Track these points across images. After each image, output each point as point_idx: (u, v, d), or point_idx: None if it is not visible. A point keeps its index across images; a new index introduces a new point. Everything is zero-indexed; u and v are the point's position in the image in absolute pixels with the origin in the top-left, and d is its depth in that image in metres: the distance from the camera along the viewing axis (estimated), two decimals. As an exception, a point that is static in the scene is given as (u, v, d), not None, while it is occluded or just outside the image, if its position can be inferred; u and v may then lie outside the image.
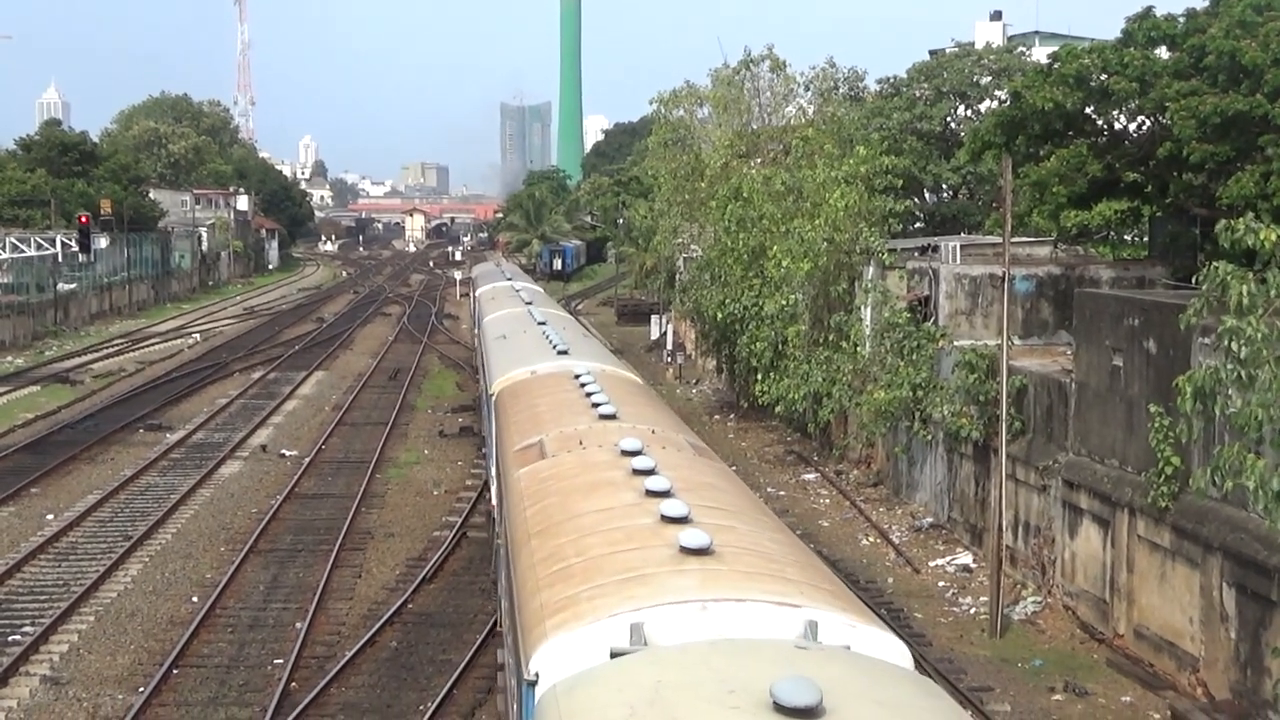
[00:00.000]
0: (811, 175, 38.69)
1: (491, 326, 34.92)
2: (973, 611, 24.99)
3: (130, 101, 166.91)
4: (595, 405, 17.30)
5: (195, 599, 25.05)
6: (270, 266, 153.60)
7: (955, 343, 30.07)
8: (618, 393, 19.11)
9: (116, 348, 66.68)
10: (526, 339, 28.36)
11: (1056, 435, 25.22)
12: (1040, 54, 52.30)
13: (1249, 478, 14.16)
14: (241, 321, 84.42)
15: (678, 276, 56.51)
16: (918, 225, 55.44)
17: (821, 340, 36.05)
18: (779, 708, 7.04)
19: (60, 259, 72.17)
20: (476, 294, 54.01)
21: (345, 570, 26.95)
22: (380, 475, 36.23)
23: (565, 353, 24.08)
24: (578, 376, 20.20)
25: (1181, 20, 32.40)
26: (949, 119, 56.06)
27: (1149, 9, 33.16)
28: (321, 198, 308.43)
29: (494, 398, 22.18)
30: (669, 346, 61.40)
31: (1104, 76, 31.85)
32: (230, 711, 19.88)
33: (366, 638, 22.49)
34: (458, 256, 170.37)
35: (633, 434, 14.93)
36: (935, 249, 35.28)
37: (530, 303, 39.44)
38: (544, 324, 30.77)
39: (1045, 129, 33.54)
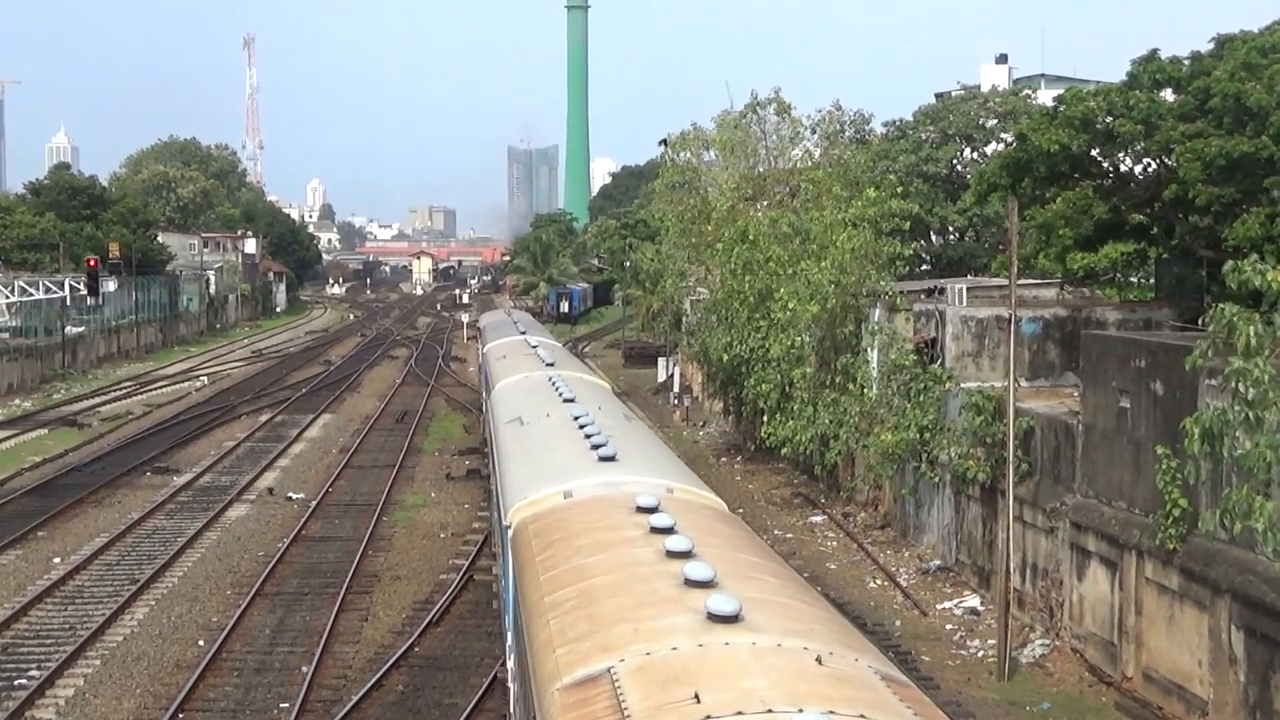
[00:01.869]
0: (818, 218, 38.76)
1: (503, 402, 26.69)
2: (981, 654, 24.88)
3: (139, 146, 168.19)
4: (693, 583, 10.15)
5: (202, 642, 24.99)
6: (278, 309, 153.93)
7: (962, 385, 30.03)
8: (717, 544, 12.08)
9: (124, 390, 66.78)
10: (552, 428, 20.76)
11: (1064, 477, 25.16)
12: (1046, 97, 52.50)
13: (1257, 519, 14.15)
14: (249, 364, 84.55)
15: (684, 319, 56.56)
16: (924, 267, 55.51)
17: (828, 382, 36.02)
18: None
19: (68, 302, 72.24)
20: (485, 350, 44.76)
21: (352, 614, 26.88)
22: (387, 518, 36.18)
23: (612, 458, 16.84)
24: (645, 509, 13.06)
25: (1187, 63, 32.53)
26: (955, 161, 56.21)
27: (1154, 52, 33.31)
28: (329, 241, 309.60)
29: (510, 533, 15.19)
30: (676, 389, 61.42)
31: (1109, 119, 31.96)
32: (236, 756, 19.82)
33: (373, 681, 22.41)
34: (465, 299, 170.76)
35: (782, 661, 8.55)
36: (941, 291, 35.30)
37: (551, 364, 32.01)
38: (572, 401, 23.15)
39: (1051, 171, 33.65)
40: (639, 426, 23.58)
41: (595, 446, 17.39)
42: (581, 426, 19.28)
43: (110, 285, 77.88)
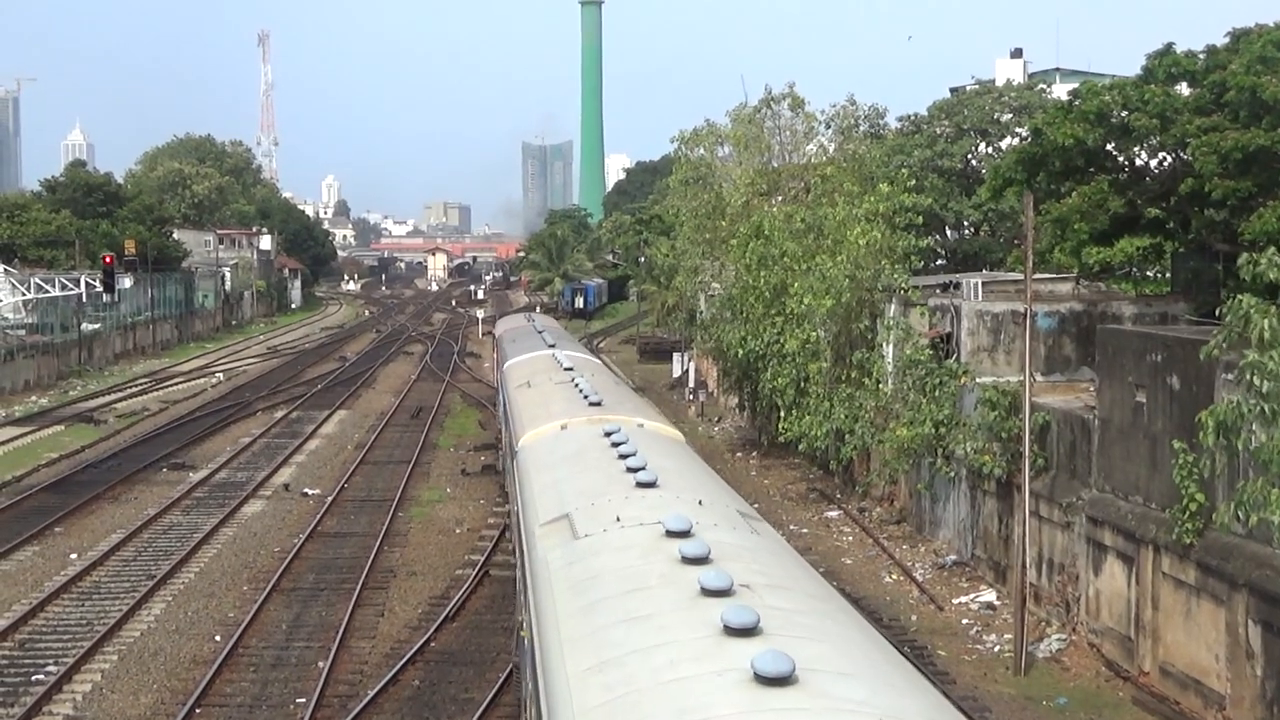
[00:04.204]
0: (832, 213, 38.73)
1: (537, 474, 16.91)
2: (997, 649, 24.86)
3: (154, 143, 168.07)
4: None
5: (218, 638, 25.06)
6: (293, 306, 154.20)
7: (977, 379, 30.00)
8: None
9: (140, 387, 66.94)
10: (628, 551, 11.33)
11: (1080, 472, 25.13)
12: (1061, 91, 52.39)
13: (1273, 513, 14.12)
14: (264, 361, 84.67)
15: (699, 314, 56.55)
16: (939, 262, 55.45)
17: (843, 377, 36.01)
18: None
19: (84, 299, 72.54)
20: (504, 369, 34.72)
21: (368, 609, 26.94)
22: (403, 514, 36.24)
23: (753, 630, 8.59)
24: None
25: (1202, 57, 32.44)
26: (970, 156, 56.08)
27: (1169, 45, 33.21)
28: (344, 237, 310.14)
29: None
30: (691, 384, 61.39)
31: (1125, 113, 31.88)
32: (253, 750, 19.86)
33: (389, 676, 22.46)
34: (480, 295, 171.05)
35: None
36: (957, 286, 35.25)
37: (598, 402, 21.66)
38: (651, 486, 13.75)
39: (1066, 165, 33.57)
40: (769, 538, 12.79)
41: (712, 591, 9.45)
42: (687, 561, 10.40)
43: (126, 282, 78.00)
